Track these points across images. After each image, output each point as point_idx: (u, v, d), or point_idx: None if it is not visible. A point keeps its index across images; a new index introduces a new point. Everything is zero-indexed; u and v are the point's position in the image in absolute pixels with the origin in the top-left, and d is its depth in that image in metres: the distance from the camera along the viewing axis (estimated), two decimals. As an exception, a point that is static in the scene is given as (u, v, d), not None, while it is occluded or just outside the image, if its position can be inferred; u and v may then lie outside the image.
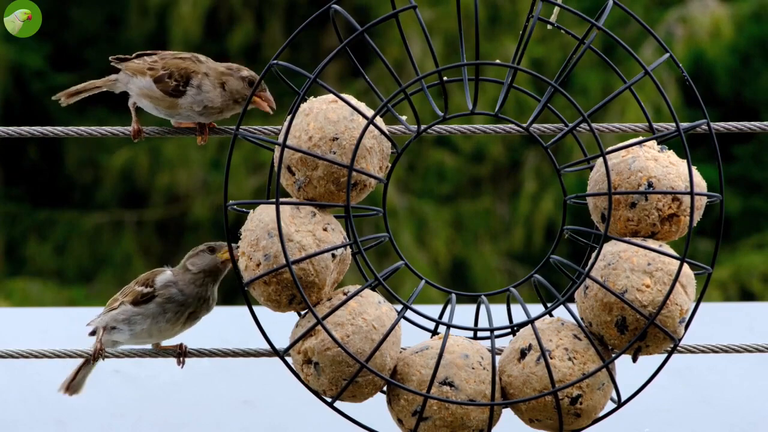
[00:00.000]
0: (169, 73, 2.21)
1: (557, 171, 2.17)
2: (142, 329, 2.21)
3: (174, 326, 2.21)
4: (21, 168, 6.65)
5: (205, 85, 2.21)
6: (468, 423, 2.06)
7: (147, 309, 2.21)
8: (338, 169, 2.05)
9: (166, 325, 2.21)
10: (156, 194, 6.58)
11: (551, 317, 2.13)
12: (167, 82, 2.21)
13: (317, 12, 2.05)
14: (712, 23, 6.66)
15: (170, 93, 2.21)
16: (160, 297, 2.20)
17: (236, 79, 2.21)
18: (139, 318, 2.21)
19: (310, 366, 2.07)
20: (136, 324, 2.21)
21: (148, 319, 2.20)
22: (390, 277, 2.16)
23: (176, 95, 2.21)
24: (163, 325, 2.21)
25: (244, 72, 2.21)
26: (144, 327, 2.21)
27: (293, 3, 6.71)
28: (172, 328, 2.21)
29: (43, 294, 6.33)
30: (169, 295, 2.20)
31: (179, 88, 2.20)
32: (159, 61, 2.23)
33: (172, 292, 2.20)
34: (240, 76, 2.21)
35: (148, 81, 2.22)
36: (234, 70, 2.22)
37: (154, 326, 2.21)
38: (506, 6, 6.59)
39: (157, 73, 2.22)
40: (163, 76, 2.21)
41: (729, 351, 2.23)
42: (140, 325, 2.21)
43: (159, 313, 2.20)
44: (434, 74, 2.06)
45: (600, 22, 2.05)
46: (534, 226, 6.60)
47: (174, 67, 2.22)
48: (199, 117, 2.22)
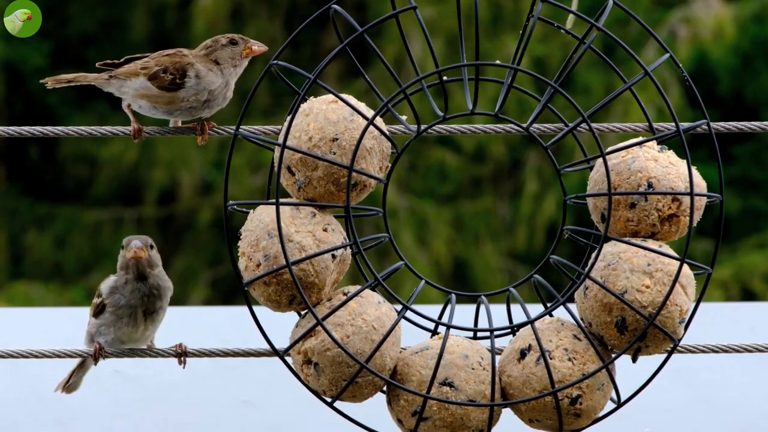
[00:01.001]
0: (164, 68, 2.22)
1: (557, 171, 2.17)
2: (112, 338, 2.21)
3: (136, 330, 2.21)
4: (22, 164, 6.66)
5: (201, 72, 2.22)
6: (468, 423, 2.06)
7: (105, 319, 2.21)
8: (338, 169, 2.05)
9: (129, 330, 2.20)
10: (156, 193, 6.59)
11: (551, 317, 2.13)
12: (162, 77, 2.21)
13: (317, 12, 2.05)
14: (716, 24, 6.67)
15: (167, 87, 2.21)
16: (110, 306, 2.20)
17: (221, 49, 2.23)
18: (103, 329, 2.21)
19: (310, 366, 2.07)
20: (104, 335, 2.21)
21: (111, 328, 2.21)
22: (390, 278, 2.16)
23: (173, 89, 2.21)
24: (126, 330, 2.20)
25: (222, 40, 2.24)
26: (112, 336, 2.21)
27: (294, 3, 6.71)
28: (135, 332, 2.21)
29: (46, 297, 6.33)
30: (115, 303, 2.20)
31: (176, 81, 2.21)
32: (150, 60, 2.24)
33: (116, 298, 2.20)
34: (222, 45, 2.23)
35: (143, 80, 2.22)
36: (211, 45, 2.24)
37: (119, 332, 2.20)
38: (508, 5, 6.60)
39: (150, 70, 2.22)
40: (158, 72, 2.21)
41: (729, 351, 2.23)
42: (108, 335, 2.21)
43: (116, 321, 2.20)
44: (434, 74, 2.06)
45: (600, 22, 2.05)
46: (535, 226, 6.60)
47: (167, 62, 2.22)
48: (203, 108, 2.22)
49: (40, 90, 2.31)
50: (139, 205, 6.59)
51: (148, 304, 2.21)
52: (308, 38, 6.50)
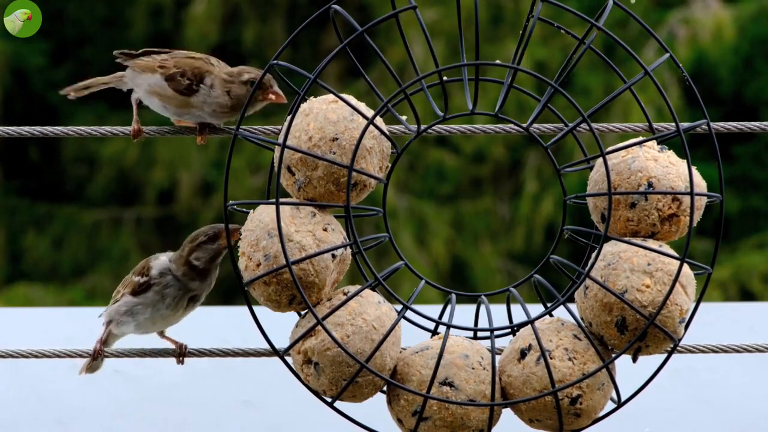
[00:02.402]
0: (182, 71, 2.19)
1: (557, 171, 2.17)
2: (145, 318, 2.21)
3: (175, 312, 2.21)
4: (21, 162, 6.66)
5: (215, 88, 2.19)
6: (468, 423, 2.06)
7: (146, 298, 2.21)
8: (338, 169, 2.05)
9: (167, 312, 2.21)
10: (155, 193, 6.59)
11: (551, 317, 2.13)
12: (179, 81, 2.19)
13: (317, 12, 2.05)
14: (715, 24, 6.67)
15: (182, 92, 2.19)
16: (157, 285, 2.20)
17: (238, 85, 2.19)
18: (140, 308, 2.21)
19: (310, 366, 2.07)
20: (138, 314, 2.21)
21: (149, 308, 2.20)
22: (390, 278, 2.16)
23: (188, 94, 2.19)
24: (164, 312, 2.21)
25: (244, 76, 2.19)
26: (146, 316, 2.21)
27: (294, 3, 6.71)
28: (173, 314, 2.21)
29: (45, 299, 6.33)
30: (165, 283, 2.20)
31: (192, 87, 2.19)
32: (170, 59, 2.21)
33: (167, 280, 2.20)
34: (241, 81, 2.19)
35: (159, 78, 2.21)
36: (235, 75, 2.19)
37: (156, 314, 2.21)
38: (509, 6, 6.60)
39: (168, 71, 2.20)
40: (175, 75, 2.20)
41: (729, 351, 2.23)
42: (142, 315, 2.21)
43: (158, 301, 2.20)
44: (434, 74, 2.06)
45: (600, 22, 2.05)
46: (534, 226, 6.60)
47: (187, 66, 2.20)
48: (210, 117, 2.21)
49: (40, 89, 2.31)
50: (138, 206, 6.59)
51: (199, 290, 2.21)
52: (308, 38, 6.50)
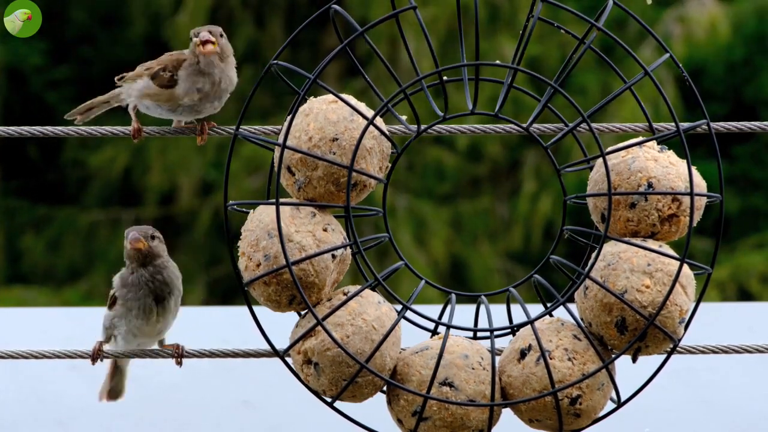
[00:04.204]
0: (164, 67, 2.24)
1: (557, 171, 2.17)
2: (126, 330, 2.21)
3: (148, 321, 2.20)
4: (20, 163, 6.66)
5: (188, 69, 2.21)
6: (468, 423, 2.06)
7: (117, 311, 2.21)
8: (338, 169, 2.05)
9: (140, 322, 2.20)
10: (155, 194, 6.59)
11: (551, 317, 2.13)
12: (162, 76, 2.23)
13: (317, 12, 2.05)
14: (710, 23, 6.67)
15: (165, 85, 2.22)
16: (120, 298, 2.21)
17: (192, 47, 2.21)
18: (116, 321, 2.21)
19: (310, 366, 2.07)
20: (117, 327, 2.22)
21: (123, 320, 2.21)
22: (390, 278, 2.16)
23: (171, 86, 2.22)
24: (137, 323, 2.20)
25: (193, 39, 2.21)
26: (125, 328, 2.21)
27: (294, 3, 6.71)
28: (147, 323, 2.20)
29: (37, 301, 6.33)
30: (124, 295, 2.20)
31: (173, 78, 2.22)
32: (154, 63, 2.26)
33: (125, 290, 2.20)
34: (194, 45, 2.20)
35: (146, 80, 2.24)
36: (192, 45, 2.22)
37: (130, 325, 2.20)
38: (504, 5, 6.59)
39: (152, 70, 2.24)
40: (158, 71, 2.23)
41: (729, 351, 2.23)
42: (121, 328, 2.21)
43: (126, 313, 2.20)
44: (434, 74, 2.06)
45: (600, 22, 2.05)
46: (532, 226, 6.60)
47: (167, 62, 2.24)
48: (201, 107, 2.23)
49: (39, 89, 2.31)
50: (137, 206, 6.59)
51: (156, 290, 2.20)
52: (308, 38, 6.50)
